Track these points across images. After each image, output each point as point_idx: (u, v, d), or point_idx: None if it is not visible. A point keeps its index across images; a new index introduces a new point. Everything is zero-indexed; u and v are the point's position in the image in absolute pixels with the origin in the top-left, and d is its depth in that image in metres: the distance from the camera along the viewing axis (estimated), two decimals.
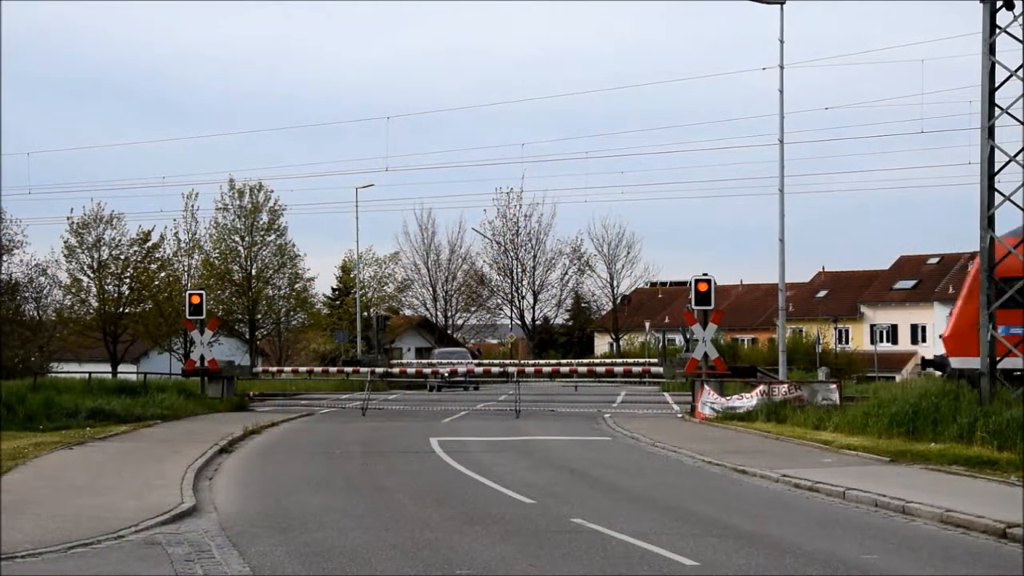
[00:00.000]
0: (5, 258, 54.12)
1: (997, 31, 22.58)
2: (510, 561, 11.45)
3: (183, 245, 63.84)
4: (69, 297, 52.61)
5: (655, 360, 46.94)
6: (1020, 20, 22.27)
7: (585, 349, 79.90)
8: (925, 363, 30.10)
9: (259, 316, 56.05)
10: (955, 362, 24.54)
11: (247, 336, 56.73)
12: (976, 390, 22.26)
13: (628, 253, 74.01)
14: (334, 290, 75.09)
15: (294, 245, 59.60)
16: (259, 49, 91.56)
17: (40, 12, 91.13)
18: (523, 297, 74.67)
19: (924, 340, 68.50)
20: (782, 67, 31.88)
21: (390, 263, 69.91)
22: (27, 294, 51.69)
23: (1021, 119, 22.45)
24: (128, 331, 52.30)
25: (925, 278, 72.72)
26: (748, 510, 14.86)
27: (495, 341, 79.18)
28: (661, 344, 65.17)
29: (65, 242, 64.85)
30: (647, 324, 70.79)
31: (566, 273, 75.49)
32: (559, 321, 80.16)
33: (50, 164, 78.33)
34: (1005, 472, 17.25)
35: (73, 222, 64.59)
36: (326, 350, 66.40)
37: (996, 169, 22.72)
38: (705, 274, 31.94)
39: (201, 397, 34.82)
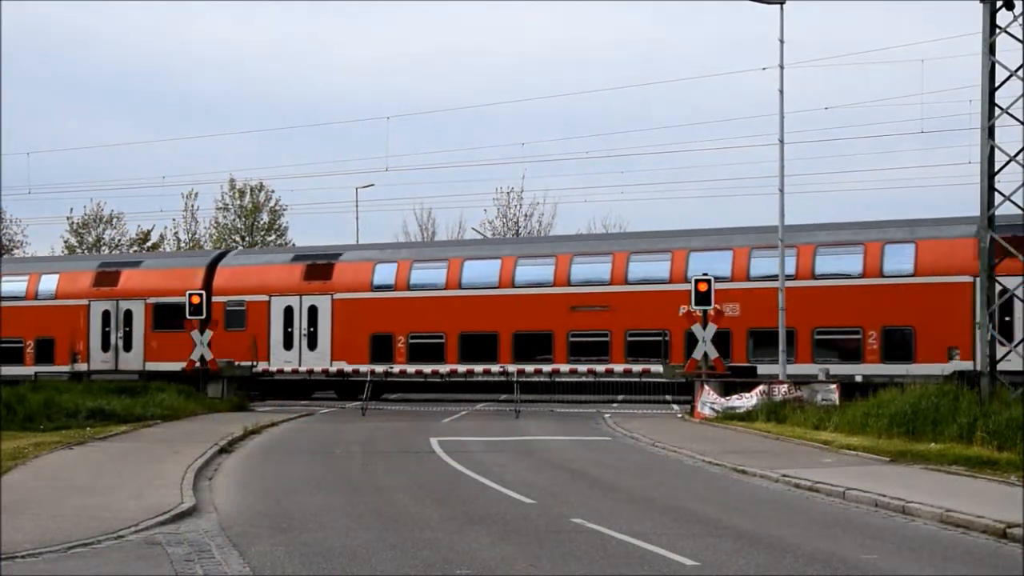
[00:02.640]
0: (5, 258, 54.18)
1: (997, 31, 22.59)
2: (510, 561, 11.45)
3: (183, 245, 64.01)
4: None
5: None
6: (1020, 20, 22.29)
7: None
8: None
9: None
10: None
11: None
12: (976, 390, 22.27)
13: None
14: None
15: (294, 245, 59.68)
16: (259, 49, 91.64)
17: (40, 12, 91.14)
18: None
19: None
20: (782, 67, 31.84)
21: None
22: None
23: (1021, 119, 22.46)
24: None
25: None
26: (748, 510, 14.85)
27: None
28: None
29: (65, 242, 65.23)
30: None
31: None
32: None
33: (50, 164, 78.31)
34: (1005, 472, 17.24)
35: (73, 222, 64.96)
36: None
37: (996, 169, 22.74)
38: (705, 274, 31.93)
39: (201, 397, 34.81)
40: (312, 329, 39.32)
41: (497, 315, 37.04)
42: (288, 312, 39.66)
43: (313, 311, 39.38)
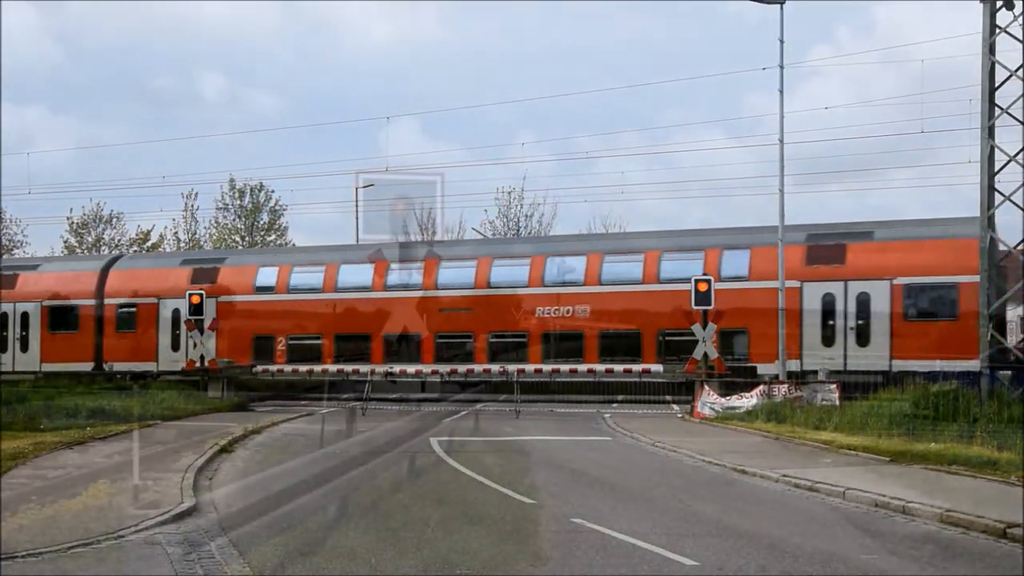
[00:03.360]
0: (5, 258, 54.22)
1: (997, 31, 22.60)
2: (510, 561, 11.45)
3: (183, 245, 64.02)
4: None
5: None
6: (1020, 20, 22.31)
7: None
8: None
9: None
10: None
11: None
12: (976, 390, 22.28)
13: None
14: None
15: (294, 245, 59.66)
16: (259, 49, 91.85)
17: (40, 11, 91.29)
18: None
19: None
20: (782, 67, 31.82)
21: None
22: None
23: (1021, 119, 22.48)
24: None
25: None
26: (748, 510, 14.86)
27: None
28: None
29: (65, 242, 65.16)
30: None
31: None
32: None
33: (50, 164, 78.45)
34: (1005, 472, 17.23)
35: (73, 222, 64.89)
36: None
37: (996, 169, 22.75)
38: (705, 274, 31.93)
39: (201, 397, 34.82)
40: None
41: None
42: None
43: None
